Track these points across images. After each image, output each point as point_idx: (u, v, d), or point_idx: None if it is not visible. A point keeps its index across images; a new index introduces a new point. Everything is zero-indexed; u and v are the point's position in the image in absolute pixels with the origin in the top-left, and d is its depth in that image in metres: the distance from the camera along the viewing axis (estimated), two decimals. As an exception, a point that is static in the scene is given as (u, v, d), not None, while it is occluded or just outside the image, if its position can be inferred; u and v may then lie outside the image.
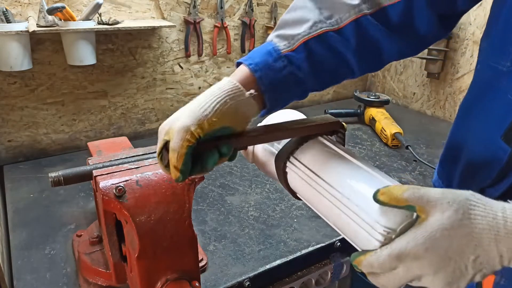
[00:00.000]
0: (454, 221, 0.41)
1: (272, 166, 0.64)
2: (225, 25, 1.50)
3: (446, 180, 0.71)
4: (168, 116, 0.50)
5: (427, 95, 1.79)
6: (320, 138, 0.59)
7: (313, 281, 0.93)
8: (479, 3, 0.61)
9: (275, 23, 1.61)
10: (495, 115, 0.58)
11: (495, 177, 0.57)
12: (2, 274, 0.74)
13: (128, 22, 1.28)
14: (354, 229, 0.49)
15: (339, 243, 0.94)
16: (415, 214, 0.44)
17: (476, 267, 0.41)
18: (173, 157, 0.48)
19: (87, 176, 0.60)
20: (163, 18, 1.40)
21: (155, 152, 0.64)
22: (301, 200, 0.60)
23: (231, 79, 0.53)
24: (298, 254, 0.89)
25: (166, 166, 0.50)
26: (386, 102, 1.59)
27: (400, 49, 0.61)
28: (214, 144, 0.51)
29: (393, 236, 0.44)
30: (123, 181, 0.57)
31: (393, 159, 1.35)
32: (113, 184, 0.56)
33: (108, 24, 1.19)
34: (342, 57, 0.58)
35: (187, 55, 1.48)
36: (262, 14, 1.61)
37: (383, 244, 0.44)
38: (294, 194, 0.61)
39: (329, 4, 0.57)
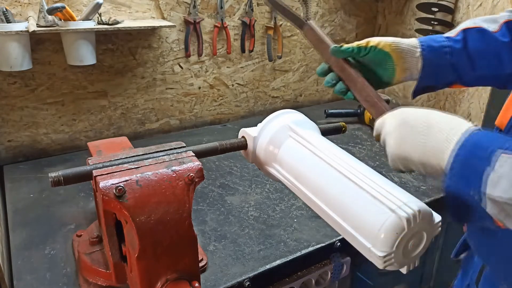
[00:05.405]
0: None
1: (271, 167, 0.64)
2: (225, 25, 1.50)
3: None
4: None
5: (427, 95, 1.79)
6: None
7: (313, 281, 0.93)
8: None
9: (275, 23, 1.62)
10: None
11: None
12: (2, 274, 0.74)
13: (128, 22, 1.28)
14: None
15: (339, 243, 0.94)
16: None
17: None
18: None
19: (87, 176, 0.59)
20: (163, 18, 1.40)
21: (155, 152, 0.64)
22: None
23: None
24: (298, 254, 0.89)
25: None
26: (386, 102, 1.58)
27: None
28: None
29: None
30: (123, 181, 0.57)
31: (393, 159, 1.35)
32: (113, 184, 0.56)
33: (108, 24, 1.19)
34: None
35: (187, 55, 1.48)
36: (262, 14, 1.61)
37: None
38: None
39: None
